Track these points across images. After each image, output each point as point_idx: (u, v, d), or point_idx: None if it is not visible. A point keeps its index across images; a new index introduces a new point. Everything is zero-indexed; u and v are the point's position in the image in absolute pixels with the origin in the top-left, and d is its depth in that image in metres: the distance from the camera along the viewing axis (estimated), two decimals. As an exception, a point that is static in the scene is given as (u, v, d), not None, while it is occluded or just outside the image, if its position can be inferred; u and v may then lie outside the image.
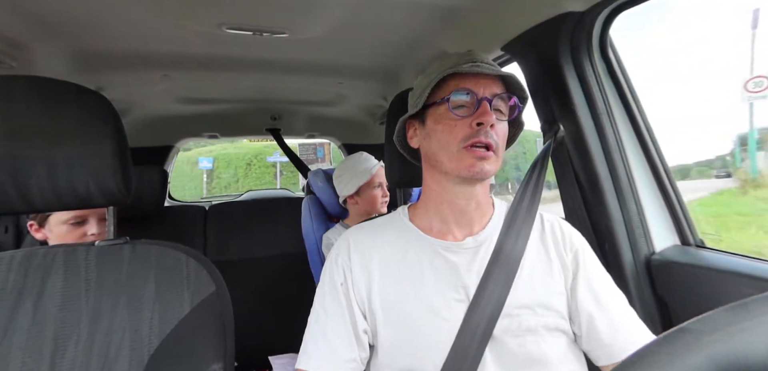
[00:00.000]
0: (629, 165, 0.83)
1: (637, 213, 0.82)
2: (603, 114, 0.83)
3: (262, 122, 2.10)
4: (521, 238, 0.59)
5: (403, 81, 1.45)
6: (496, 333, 0.53)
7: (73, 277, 0.57)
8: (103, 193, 0.59)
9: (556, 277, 0.58)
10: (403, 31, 1.07)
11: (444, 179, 0.59)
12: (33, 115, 0.56)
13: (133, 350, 0.56)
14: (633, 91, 0.85)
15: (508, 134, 0.61)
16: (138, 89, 1.47)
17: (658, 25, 12.41)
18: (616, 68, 0.84)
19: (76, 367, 0.53)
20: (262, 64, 1.30)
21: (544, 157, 0.80)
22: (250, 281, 1.61)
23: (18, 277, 0.56)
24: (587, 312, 0.56)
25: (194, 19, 0.94)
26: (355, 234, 0.63)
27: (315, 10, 0.93)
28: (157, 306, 0.58)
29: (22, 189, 0.55)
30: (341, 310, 0.57)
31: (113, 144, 0.59)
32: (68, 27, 0.95)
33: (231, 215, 1.72)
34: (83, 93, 0.59)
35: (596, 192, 0.84)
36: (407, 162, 0.70)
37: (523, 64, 0.94)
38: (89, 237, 0.93)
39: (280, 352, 1.56)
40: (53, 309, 0.55)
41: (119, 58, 1.15)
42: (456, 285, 0.56)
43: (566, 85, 0.83)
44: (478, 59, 0.57)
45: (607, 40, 0.82)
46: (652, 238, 0.81)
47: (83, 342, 0.54)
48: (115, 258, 0.60)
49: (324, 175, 1.52)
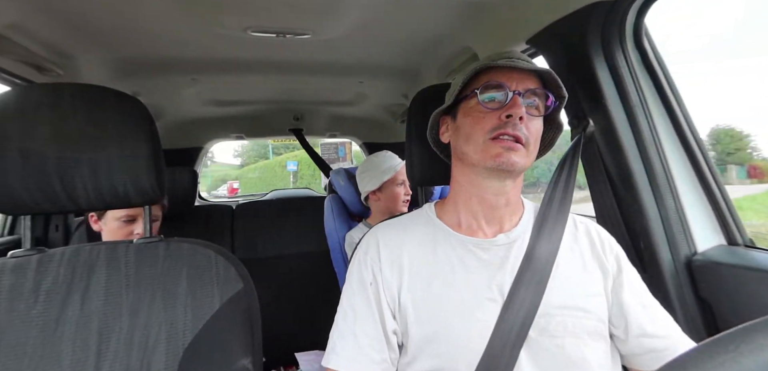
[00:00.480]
0: (667, 160, 0.78)
1: (675, 211, 0.77)
2: (637, 107, 0.79)
3: (286, 122, 2.15)
4: (554, 239, 0.57)
5: (424, 78, 1.44)
6: (531, 335, 0.52)
7: (115, 273, 0.61)
8: (139, 193, 0.62)
9: (594, 280, 0.56)
10: (425, 29, 1.07)
11: (472, 173, 0.58)
12: (79, 120, 0.59)
13: (170, 343, 0.58)
14: (671, 82, 0.79)
15: (544, 136, 0.59)
16: (170, 93, 1.54)
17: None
18: (651, 58, 0.79)
19: (119, 358, 0.56)
20: (285, 65, 1.33)
21: (573, 153, 0.77)
22: (275, 278, 1.66)
23: (67, 272, 0.60)
24: (635, 315, 0.54)
25: (221, 23, 0.98)
26: (383, 232, 0.63)
27: (337, 11, 0.94)
28: (189, 301, 0.60)
29: (69, 190, 0.59)
30: (371, 310, 0.57)
31: (148, 146, 0.62)
32: (110, 36, 1.02)
33: (257, 214, 1.77)
34: (122, 98, 0.63)
35: (630, 189, 0.79)
36: (428, 159, 0.70)
37: (549, 57, 0.91)
38: (135, 235, 1.00)
39: (304, 349, 1.60)
40: (98, 303, 0.58)
41: (153, 63, 1.21)
42: (489, 284, 0.55)
43: (596, 78, 0.80)
44: (514, 56, 0.56)
45: (641, 29, 0.78)
46: (693, 238, 0.76)
47: (124, 334, 0.57)
48: (151, 255, 0.63)
49: (346, 173, 1.54)
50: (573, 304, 0.54)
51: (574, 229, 0.61)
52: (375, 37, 1.11)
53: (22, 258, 0.60)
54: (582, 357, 0.52)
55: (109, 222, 1.02)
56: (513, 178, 0.58)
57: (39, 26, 0.89)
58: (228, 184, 13.11)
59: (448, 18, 0.99)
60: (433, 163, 0.70)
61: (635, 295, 0.56)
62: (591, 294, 0.55)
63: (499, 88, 0.55)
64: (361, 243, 0.64)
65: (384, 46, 1.19)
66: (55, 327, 0.56)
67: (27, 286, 0.57)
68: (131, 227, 1.01)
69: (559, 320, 0.53)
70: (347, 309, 0.59)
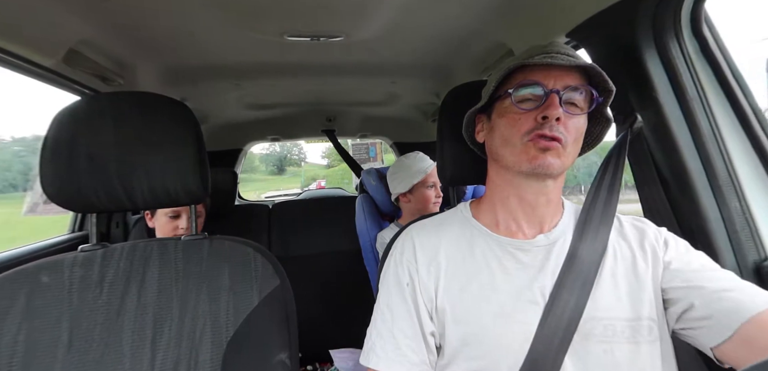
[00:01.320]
0: (730, 158, 0.71)
1: (741, 213, 0.70)
2: (694, 100, 0.72)
3: (319, 124, 2.20)
4: (599, 241, 0.54)
5: (456, 76, 1.41)
6: (576, 340, 0.49)
7: (166, 267, 0.65)
8: (186, 193, 0.66)
9: (644, 278, 0.53)
10: (458, 26, 1.05)
11: (509, 174, 0.56)
12: (136, 125, 0.64)
13: (214, 335, 0.61)
14: (737, 73, 0.72)
15: (592, 130, 0.56)
16: (213, 98, 1.63)
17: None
18: (712, 47, 0.72)
19: (171, 347, 0.60)
20: (318, 68, 1.36)
21: (619, 151, 0.72)
22: (308, 276, 1.70)
23: (126, 265, 0.65)
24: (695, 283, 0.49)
25: (259, 30, 1.02)
26: (418, 232, 0.62)
27: (370, 12, 0.95)
28: (231, 296, 0.63)
29: (128, 190, 0.64)
30: (408, 312, 0.56)
31: (195, 149, 0.66)
32: (162, 46, 1.10)
33: (291, 213, 1.83)
34: (172, 104, 0.67)
35: (685, 189, 0.73)
36: (460, 159, 0.68)
37: (592, 50, 0.85)
38: (180, 230, 1.10)
39: (337, 345, 1.63)
40: (152, 295, 0.63)
41: (199, 71, 1.30)
42: (531, 287, 0.53)
43: (646, 71, 0.74)
44: (553, 50, 0.52)
45: (701, 15, 0.71)
46: (763, 242, 0.69)
47: (175, 325, 0.61)
48: (197, 251, 0.67)
49: (377, 173, 1.55)
50: (621, 308, 0.51)
51: (619, 228, 0.58)
52: (407, 36, 1.10)
53: (90, 253, 0.65)
54: (632, 361, 0.48)
55: (159, 218, 1.13)
56: (553, 178, 0.55)
57: (106, 41, 0.98)
58: (317, 182, 15.62)
59: (481, 13, 0.97)
60: (465, 162, 0.69)
61: (689, 264, 0.52)
62: (642, 294, 0.51)
63: (536, 87, 0.52)
64: (396, 243, 0.64)
65: (416, 45, 1.18)
66: (117, 316, 0.61)
67: (94, 278, 0.63)
68: (177, 222, 1.11)
69: (606, 324, 0.50)
70: (385, 310, 0.58)
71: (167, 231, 1.11)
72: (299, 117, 2.09)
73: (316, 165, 32.60)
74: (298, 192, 5.25)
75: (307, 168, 28.40)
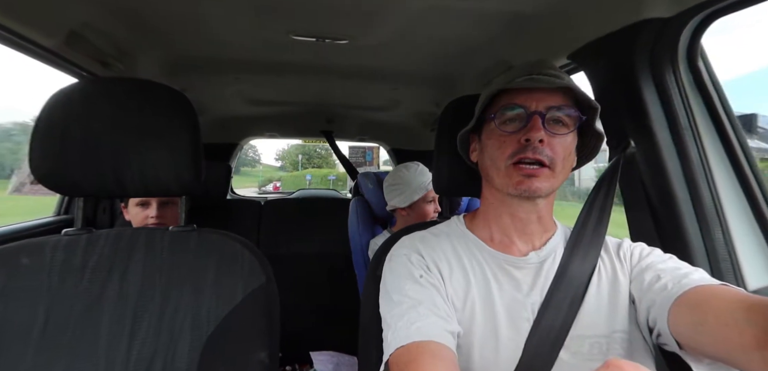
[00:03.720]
0: (717, 189, 0.73)
1: (724, 244, 0.72)
2: (685, 130, 0.75)
3: (318, 124, 2.21)
4: (588, 262, 0.55)
5: (458, 88, 1.43)
6: (563, 357, 0.50)
7: (152, 257, 0.64)
8: (179, 183, 0.66)
9: (624, 293, 0.54)
10: (464, 39, 1.06)
11: (500, 194, 0.58)
12: (133, 112, 0.64)
13: (194, 330, 0.60)
14: (727, 107, 0.74)
15: (587, 143, 0.58)
16: (214, 91, 1.63)
17: None
18: (706, 80, 0.75)
19: (148, 340, 0.59)
20: (322, 69, 1.36)
21: (612, 174, 0.73)
22: (295, 276, 1.68)
23: (110, 253, 0.63)
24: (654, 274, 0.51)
25: (266, 26, 1.03)
26: (418, 240, 0.61)
27: (377, 19, 0.96)
28: (215, 291, 0.62)
29: (119, 177, 0.63)
30: (429, 293, 0.52)
31: (191, 140, 0.65)
32: (165, 36, 1.09)
33: (283, 212, 1.81)
34: (171, 94, 0.67)
35: (672, 217, 0.75)
36: (456, 170, 0.69)
37: (592, 74, 0.88)
38: (150, 219, 1.06)
39: (320, 348, 1.62)
40: (135, 285, 0.61)
41: (201, 62, 1.29)
42: (524, 303, 0.54)
43: (642, 98, 0.76)
44: (537, 71, 0.54)
45: (696, 49, 0.74)
46: (743, 274, 0.71)
47: (155, 316, 0.60)
48: (185, 243, 0.66)
49: (375, 177, 1.54)
50: (608, 327, 0.52)
51: (606, 248, 0.59)
52: (412, 45, 1.12)
53: (74, 237, 0.64)
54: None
55: (131, 208, 1.09)
56: (543, 198, 0.56)
57: (108, 25, 0.98)
58: (273, 183, 18.98)
59: (487, 29, 0.99)
60: (460, 174, 0.69)
61: (656, 265, 0.53)
62: (625, 310, 0.53)
63: (518, 110, 0.53)
64: (394, 249, 0.61)
65: (420, 54, 1.20)
66: (97, 303, 0.60)
67: (75, 263, 0.61)
68: (146, 212, 1.07)
69: (592, 342, 0.51)
70: (402, 299, 0.52)
71: (139, 220, 1.07)
72: (299, 116, 2.09)
73: (271, 167, 34.31)
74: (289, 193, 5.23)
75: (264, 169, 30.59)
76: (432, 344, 0.46)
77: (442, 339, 0.47)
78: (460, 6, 0.87)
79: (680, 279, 0.48)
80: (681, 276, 0.49)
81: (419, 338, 0.46)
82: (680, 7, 0.67)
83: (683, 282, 0.47)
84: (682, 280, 0.48)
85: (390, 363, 0.48)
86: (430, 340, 0.46)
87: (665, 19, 0.69)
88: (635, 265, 0.55)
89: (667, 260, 0.54)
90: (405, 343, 0.46)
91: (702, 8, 0.65)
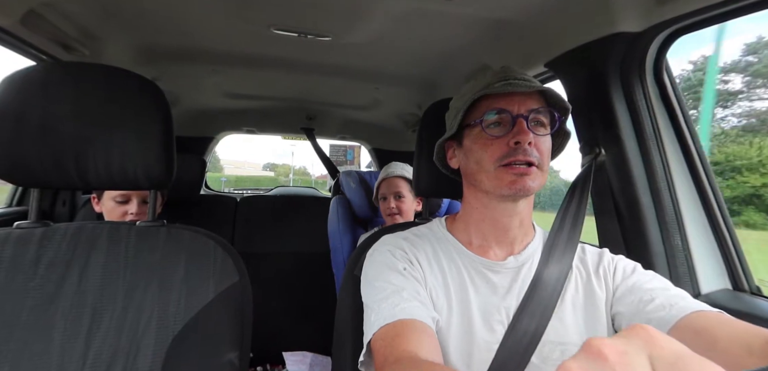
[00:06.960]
0: (677, 196, 0.78)
1: (681, 250, 0.76)
2: (650, 140, 0.79)
3: (298, 121, 2.17)
4: (562, 267, 0.57)
5: (439, 90, 1.45)
6: (534, 361, 0.51)
7: (115, 253, 0.60)
8: (148, 177, 0.63)
9: (599, 304, 0.56)
10: (446, 42, 1.08)
11: (485, 198, 0.58)
12: (98, 100, 0.60)
13: (159, 329, 0.57)
14: (688, 119, 0.79)
15: (552, 145, 0.59)
16: (188, 82, 1.56)
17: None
18: (670, 93, 0.79)
19: (109, 339, 0.56)
20: (303, 65, 1.34)
21: (584, 180, 0.76)
22: (271, 275, 1.66)
23: (69, 248, 0.60)
24: (644, 294, 0.52)
25: (246, 18, 0.99)
26: (401, 238, 0.61)
27: (360, 17, 0.95)
28: (184, 289, 0.60)
29: (81, 167, 0.59)
30: (412, 283, 0.54)
31: (162, 132, 0.62)
32: (136, 21, 1.04)
33: (259, 209, 1.77)
34: (142, 83, 0.63)
35: (637, 222, 0.79)
36: (436, 172, 0.70)
37: (567, 82, 0.91)
38: (129, 216, 1.01)
39: (294, 348, 1.59)
40: (95, 281, 0.58)
41: (176, 51, 1.23)
42: (498, 307, 0.55)
43: (612, 107, 0.80)
44: (511, 76, 0.55)
45: (662, 64, 0.78)
46: (698, 278, 0.75)
47: (117, 315, 0.57)
48: (152, 238, 0.63)
49: (358, 176, 1.53)
50: (579, 333, 0.53)
51: (582, 255, 0.61)
52: (394, 46, 1.12)
53: (27, 230, 0.60)
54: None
55: (106, 202, 1.04)
56: (526, 199, 0.58)
57: (71, 5, 0.91)
58: None
59: (468, 34, 1.00)
60: (441, 176, 0.70)
61: (638, 284, 0.55)
62: (598, 320, 0.55)
63: (502, 113, 0.54)
64: (378, 244, 0.61)
65: (402, 56, 1.20)
66: (51, 302, 0.56)
67: (27, 258, 0.57)
68: (125, 207, 1.02)
69: (564, 349, 0.52)
70: (385, 285, 0.53)
71: (115, 216, 1.02)
72: (278, 112, 2.05)
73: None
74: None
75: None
76: (417, 322, 0.47)
77: (426, 320, 0.48)
78: (443, 10, 0.88)
79: (676, 300, 0.49)
80: (677, 297, 0.50)
81: (404, 317, 0.47)
82: (649, 23, 0.70)
83: (681, 306, 0.48)
84: (679, 302, 0.49)
85: (373, 340, 0.48)
86: (414, 319, 0.47)
87: (636, 34, 0.73)
88: (620, 284, 0.56)
89: (653, 278, 0.55)
90: (390, 321, 0.47)
91: (669, 24, 0.69)
